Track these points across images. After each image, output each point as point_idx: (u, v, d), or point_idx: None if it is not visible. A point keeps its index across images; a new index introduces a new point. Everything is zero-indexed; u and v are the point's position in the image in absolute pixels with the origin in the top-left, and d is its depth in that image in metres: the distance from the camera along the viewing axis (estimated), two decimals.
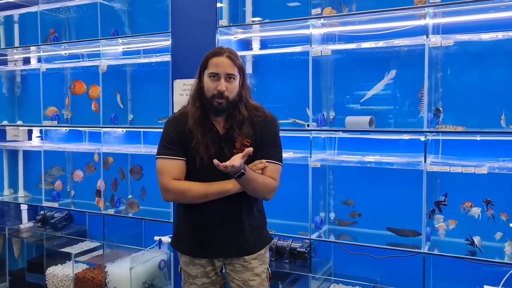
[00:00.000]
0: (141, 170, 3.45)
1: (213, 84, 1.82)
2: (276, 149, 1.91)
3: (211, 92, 1.83)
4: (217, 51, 1.87)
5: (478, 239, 2.35)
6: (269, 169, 1.85)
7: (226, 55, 1.83)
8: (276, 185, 1.87)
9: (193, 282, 1.99)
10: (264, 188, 1.84)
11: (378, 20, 2.58)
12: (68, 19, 3.81)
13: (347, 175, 2.83)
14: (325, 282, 2.76)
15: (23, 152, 4.10)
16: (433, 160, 2.48)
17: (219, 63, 1.82)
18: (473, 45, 2.43)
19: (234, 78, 1.84)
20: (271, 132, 1.91)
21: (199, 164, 1.84)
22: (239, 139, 1.86)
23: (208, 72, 1.84)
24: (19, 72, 4.15)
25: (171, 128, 1.91)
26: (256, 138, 1.89)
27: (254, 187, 1.82)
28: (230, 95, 1.83)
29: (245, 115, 1.88)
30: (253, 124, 1.90)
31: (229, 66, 1.82)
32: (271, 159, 1.87)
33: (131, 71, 3.57)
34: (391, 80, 2.61)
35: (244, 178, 1.74)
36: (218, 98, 1.81)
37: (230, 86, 1.83)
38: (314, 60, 2.61)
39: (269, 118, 1.94)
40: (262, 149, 1.88)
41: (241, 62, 1.88)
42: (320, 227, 2.75)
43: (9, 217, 4.01)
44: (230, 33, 2.91)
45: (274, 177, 1.86)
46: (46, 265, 3.57)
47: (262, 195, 1.90)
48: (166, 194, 1.87)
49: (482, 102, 2.44)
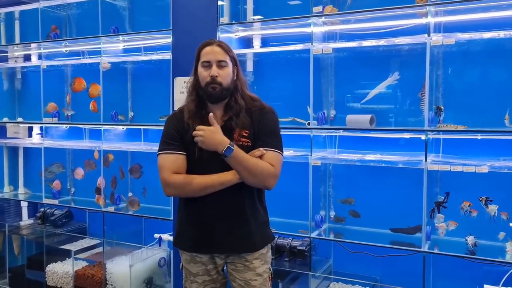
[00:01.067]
0: (140, 168, 3.45)
1: (206, 72, 1.86)
2: (275, 138, 1.89)
3: (205, 80, 1.86)
4: (208, 41, 1.92)
5: (471, 239, 2.35)
6: (267, 156, 1.84)
7: (216, 44, 1.90)
8: (274, 170, 1.83)
9: (194, 280, 1.98)
10: (260, 171, 1.80)
11: (380, 19, 2.58)
12: (69, 16, 3.81)
13: (348, 173, 2.83)
14: (325, 281, 2.76)
15: (23, 149, 4.10)
16: (434, 159, 2.47)
17: (210, 51, 1.87)
18: (475, 44, 2.43)
19: (226, 65, 1.87)
20: (269, 122, 1.91)
21: (198, 156, 1.84)
22: (237, 130, 1.87)
23: (201, 62, 1.88)
24: (20, 69, 4.14)
25: (171, 125, 1.94)
26: (254, 128, 1.89)
27: (248, 170, 1.79)
28: (224, 81, 1.85)
29: (241, 105, 1.90)
30: (251, 114, 1.91)
31: (220, 53, 1.86)
32: (269, 147, 1.86)
33: (131, 68, 3.57)
34: (395, 81, 2.60)
35: (234, 156, 1.76)
36: (211, 84, 1.84)
37: (222, 72, 1.85)
38: (315, 58, 2.61)
39: (266, 109, 1.95)
40: (260, 139, 1.87)
41: (233, 53, 1.93)
42: (320, 225, 2.75)
43: (9, 214, 4.01)
44: (231, 30, 2.90)
45: (272, 163, 1.84)
46: (46, 262, 3.57)
47: (261, 181, 1.84)
48: (167, 188, 1.87)
49: (483, 101, 2.44)
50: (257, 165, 1.81)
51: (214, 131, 1.79)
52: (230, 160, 1.79)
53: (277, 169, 1.85)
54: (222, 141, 1.78)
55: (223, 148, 1.76)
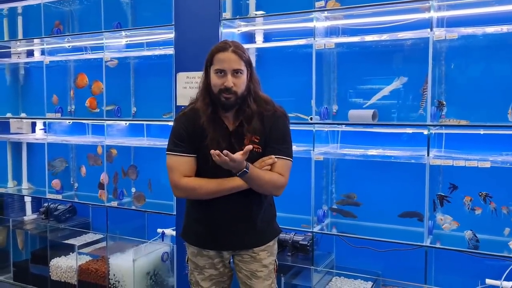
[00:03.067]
0: (136, 169, 3.49)
1: (219, 80, 1.79)
2: (285, 145, 1.89)
3: (218, 87, 1.80)
4: (222, 46, 1.82)
5: (469, 233, 2.35)
6: (278, 165, 1.84)
7: (232, 50, 1.79)
8: (284, 181, 1.85)
9: (201, 272, 1.99)
10: (271, 185, 1.83)
11: (382, 13, 2.57)
12: (72, 11, 3.81)
13: (350, 168, 2.83)
14: (327, 275, 2.77)
15: (26, 144, 4.12)
16: (436, 153, 2.47)
17: (225, 59, 1.78)
18: (478, 39, 2.42)
19: (241, 73, 1.80)
20: (280, 128, 1.89)
21: (211, 161, 1.73)
22: (248, 136, 1.84)
23: (214, 69, 1.81)
24: (23, 65, 4.15)
25: (181, 124, 1.89)
26: (265, 133, 1.86)
27: (260, 185, 1.82)
28: (238, 90, 1.80)
29: (254, 109, 1.85)
30: (262, 119, 1.87)
31: (235, 61, 1.78)
32: (280, 154, 1.85)
33: (134, 63, 3.57)
34: (400, 86, 2.60)
35: (248, 176, 1.75)
36: (225, 93, 1.78)
37: (237, 81, 1.79)
38: (318, 53, 2.60)
39: (278, 113, 1.91)
40: (270, 145, 1.86)
41: (247, 55, 1.84)
42: (323, 220, 2.75)
43: (13, 209, 4.03)
44: (234, 26, 2.90)
45: (282, 173, 1.85)
46: (50, 257, 3.59)
47: (269, 192, 1.91)
48: (176, 191, 1.87)
49: (486, 96, 2.44)
50: (270, 181, 1.82)
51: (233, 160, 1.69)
52: (245, 179, 1.78)
53: (286, 179, 1.87)
54: (239, 166, 1.73)
55: (237, 171, 1.74)
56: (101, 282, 3.32)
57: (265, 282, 1.96)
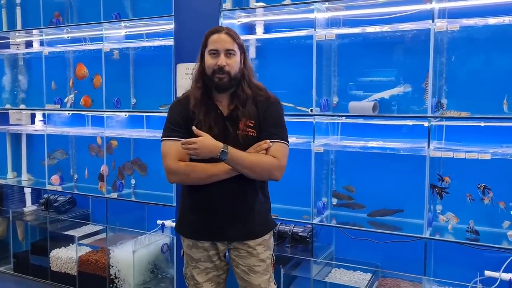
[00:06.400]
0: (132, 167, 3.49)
1: (213, 60, 1.84)
2: (280, 129, 1.90)
3: (211, 68, 1.84)
4: (216, 28, 1.89)
5: (472, 224, 2.36)
6: (272, 149, 1.85)
7: (225, 32, 1.86)
8: (278, 163, 1.84)
9: (196, 266, 1.99)
10: (261, 167, 1.82)
11: (384, 4, 2.56)
12: (71, 2, 3.78)
13: (350, 160, 2.83)
14: (327, 267, 2.78)
15: (26, 135, 4.11)
16: (437, 145, 2.47)
17: (218, 39, 1.84)
18: (479, 30, 2.41)
19: (234, 54, 1.85)
20: (274, 113, 1.91)
21: None
22: (243, 120, 1.86)
23: (208, 50, 1.86)
24: (22, 56, 4.13)
25: (176, 111, 1.92)
26: (259, 118, 1.88)
27: (248, 168, 1.81)
28: (232, 70, 1.84)
29: (248, 94, 1.89)
30: (256, 104, 1.90)
31: (228, 42, 1.84)
32: (274, 138, 1.86)
33: (134, 55, 3.55)
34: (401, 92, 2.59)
35: (230, 158, 1.76)
36: (218, 73, 1.82)
37: (230, 61, 1.84)
38: (318, 45, 2.59)
39: (272, 99, 1.94)
40: (265, 130, 1.88)
41: (241, 41, 1.89)
42: (322, 212, 2.76)
43: (13, 200, 4.04)
44: (234, 17, 2.88)
45: (276, 155, 1.84)
46: (50, 248, 3.60)
47: (263, 176, 1.88)
48: (171, 176, 1.87)
49: (487, 88, 2.43)
50: (257, 162, 1.81)
51: (204, 140, 1.75)
52: (229, 162, 1.79)
53: (281, 161, 1.86)
54: (215, 146, 1.75)
55: (217, 152, 1.75)
56: (101, 273, 3.34)
57: (263, 276, 1.96)
